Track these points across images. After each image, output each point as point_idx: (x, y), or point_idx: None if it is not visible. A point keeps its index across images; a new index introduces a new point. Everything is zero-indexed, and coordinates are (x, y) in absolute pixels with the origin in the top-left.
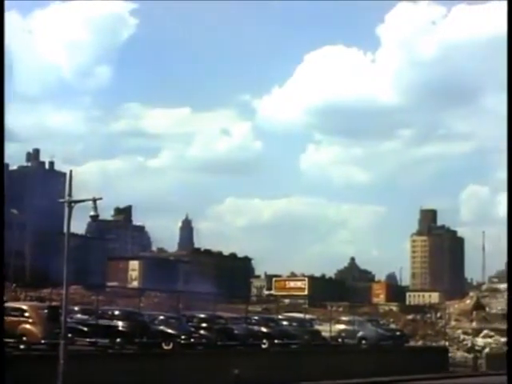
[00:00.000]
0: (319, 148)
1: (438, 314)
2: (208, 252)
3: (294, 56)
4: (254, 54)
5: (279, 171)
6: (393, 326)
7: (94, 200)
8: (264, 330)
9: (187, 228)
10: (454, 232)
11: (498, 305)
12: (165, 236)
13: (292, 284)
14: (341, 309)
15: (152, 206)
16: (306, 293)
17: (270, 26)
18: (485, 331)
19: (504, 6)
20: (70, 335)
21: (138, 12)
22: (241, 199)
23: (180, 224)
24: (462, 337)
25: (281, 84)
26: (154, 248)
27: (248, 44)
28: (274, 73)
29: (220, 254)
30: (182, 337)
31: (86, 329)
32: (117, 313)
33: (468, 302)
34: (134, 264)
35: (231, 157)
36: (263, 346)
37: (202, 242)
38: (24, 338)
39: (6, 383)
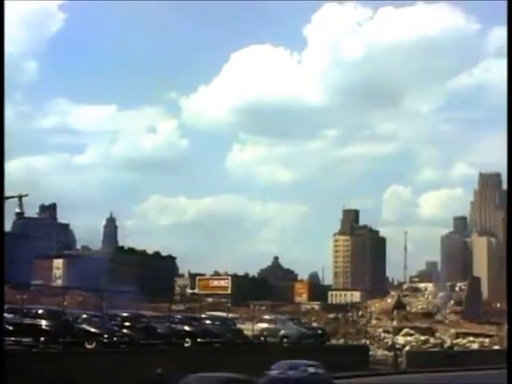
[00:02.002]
0: (244, 147)
1: (360, 313)
2: (132, 250)
3: (221, 55)
4: (181, 52)
5: (205, 170)
6: (314, 324)
7: (20, 197)
8: (187, 328)
9: (111, 226)
10: (376, 232)
11: (419, 304)
12: (89, 234)
13: (215, 283)
14: (263, 308)
15: (77, 203)
16: (229, 292)
17: (197, 25)
18: (405, 329)
19: (429, 9)
20: None
21: (67, 7)
22: (166, 197)
23: (104, 222)
24: (382, 335)
25: (207, 82)
26: (78, 246)
27: (175, 42)
28: (200, 71)
29: (144, 252)
30: (105, 336)
31: (11, 328)
32: (40, 311)
33: (389, 301)
34: (59, 262)
35: (157, 155)
36: (186, 345)
37: (126, 240)
38: None
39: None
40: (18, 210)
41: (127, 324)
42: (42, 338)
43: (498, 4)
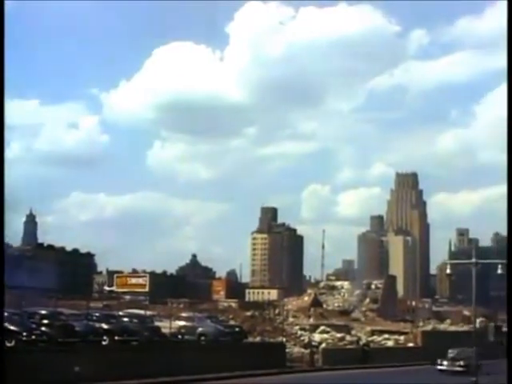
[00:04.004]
0: (165, 144)
1: (277, 311)
2: (51, 247)
3: (143, 50)
4: (103, 47)
5: (125, 166)
6: (232, 322)
7: None
8: (105, 326)
9: (31, 222)
10: (294, 230)
11: (335, 301)
12: (9, 230)
13: (133, 280)
14: (181, 305)
15: None
16: (147, 289)
17: (120, 19)
18: (321, 327)
19: (350, 10)
20: None
21: None
22: (86, 194)
23: (24, 218)
24: (299, 333)
25: (128, 78)
26: None
27: (97, 37)
28: (122, 66)
29: (63, 249)
30: (24, 334)
31: None
32: None
33: (306, 298)
34: None
35: (78, 150)
36: (104, 343)
37: (46, 236)
38: None
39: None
40: None
41: (46, 322)
42: None
43: (417, 6)
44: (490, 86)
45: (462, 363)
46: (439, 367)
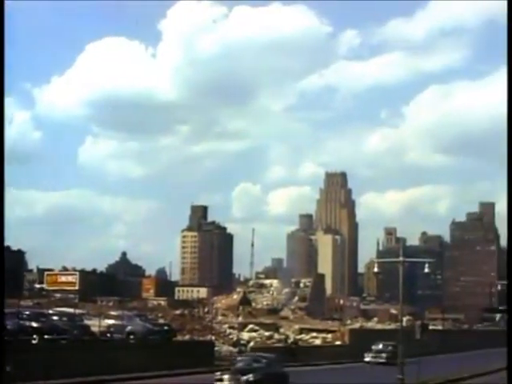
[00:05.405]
0: (97, 141)
1: (206, 309)
2: None
3: (76, 45)
4: (36, 42)
5: (56, 163)
6: (161, 320)
7: None
8: (35, 324)
9: None
10: (224, 228)
11: (264, 300)
12: None
13: (63, 278)
14: (111, 303)
15: None
16: (77, 287)
17: (52, 14)
18: (250, 325)
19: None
20: None
21: None
22: (17, 190)
23: None
24: (228, 331)
25: (61, 73)
26: None
27: (29, 30)
28: (54, 61)
29: None
30: None
31: None
32: None
33: (235, 297)
34: None
35: (9, 146)
36: (33, 342)
37: None
38: None
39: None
40: None
41: None
42: None
43: (350, 7)
44: (419, 87)
45: (384, 355)
46: (365, 359)
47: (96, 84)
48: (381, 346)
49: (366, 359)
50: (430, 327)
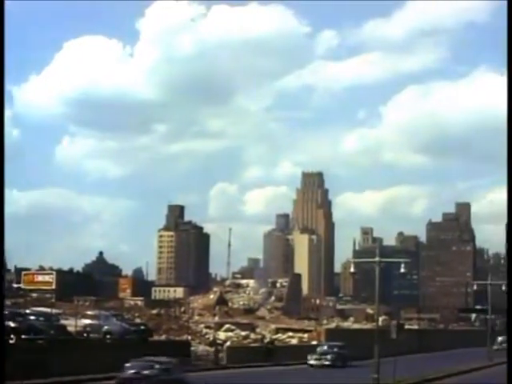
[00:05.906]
0: (74, 140)
1: (182, 309)
2: None
3: (53, 43)
4: (13, 40)
5: (34, 162)
6: (138, 320)
7: None
8: (12, 324)
9: None
10: (201, 228)
11: (240, 300)
12: None
13: (40, 278)
14: (87, 303)
15: None
16: (53, 287)
17: (30, 11)
18: (226, 325)
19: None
20: None
21: None
22: None
23: None
24: (204, 331)
25: (38, 72)
26: None
27: (6, 27)
28: (32, 59)
29: None
30: None
31: None
32: None
33: (211, 297)
34: None
35: None
36: (11, 342)
37: None
38: None
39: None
40: None
41: None
42: None
43: (328, 7)
44: (397, 87)
45: (329, 357)
46: (309, 362)
47: (74, 83)
48: (325, 348)
49: (310, 362)
50: (406, 327)
